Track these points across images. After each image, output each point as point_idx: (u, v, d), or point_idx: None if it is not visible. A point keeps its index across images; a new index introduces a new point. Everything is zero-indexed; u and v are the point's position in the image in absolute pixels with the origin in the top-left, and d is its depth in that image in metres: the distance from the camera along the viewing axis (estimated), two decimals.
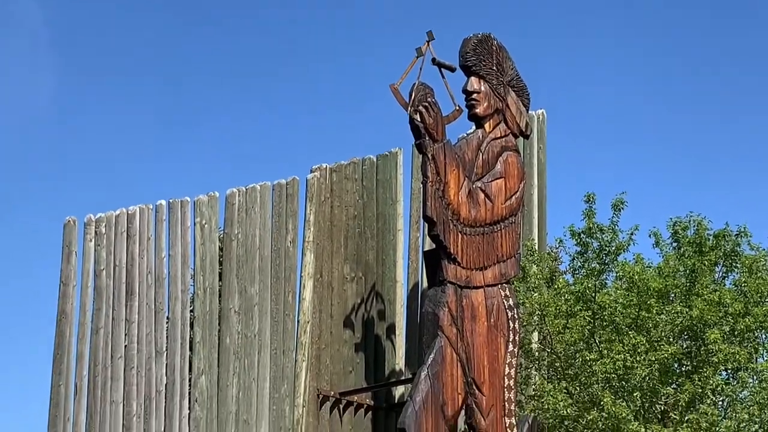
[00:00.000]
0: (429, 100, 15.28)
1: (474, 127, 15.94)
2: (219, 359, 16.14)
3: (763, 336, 18.02)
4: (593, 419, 16.74)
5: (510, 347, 15.29)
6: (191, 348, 16.09)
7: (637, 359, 16.82)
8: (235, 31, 51.27)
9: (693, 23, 49.00)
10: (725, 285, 18.39)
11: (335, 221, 17.50)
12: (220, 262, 16.62)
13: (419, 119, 15.16)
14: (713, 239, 18.52)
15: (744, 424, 16.77)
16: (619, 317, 17.36)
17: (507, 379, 15.23)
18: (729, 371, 17.78)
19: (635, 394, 17.08)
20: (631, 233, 19.42)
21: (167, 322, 16.12)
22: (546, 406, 17.46)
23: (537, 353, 18.92)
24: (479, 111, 15.87)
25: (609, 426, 16.63)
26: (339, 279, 17.37)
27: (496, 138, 15.94)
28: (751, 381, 17.59)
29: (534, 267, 19.05)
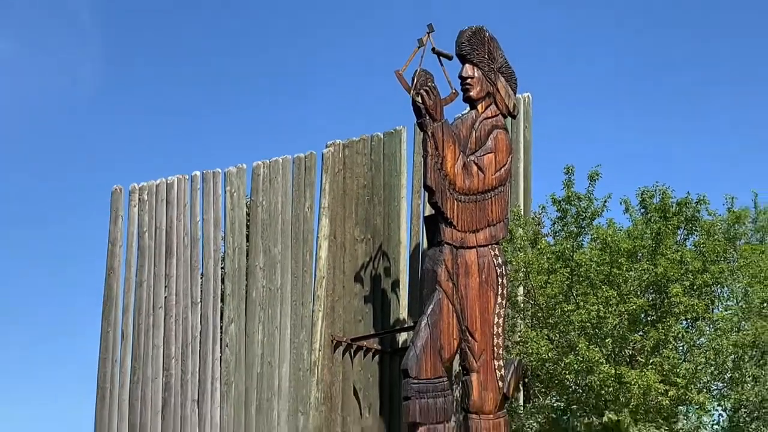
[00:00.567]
0: (429, 84, 15.38)
1: (468, 109, 16.01)
2: (246, 310, 16.19)
3: (719, 290, 18.07)
4: (570, 362, 16.85)
5: (499, 299, 15.36)
6: (222, 300, 16.12)
7: (609, 310, 16.89)
8: (264, 17, 51.58)
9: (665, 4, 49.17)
10: (686, 246, 18.33)
11: (347, 190, 17.57)
12: (247, 225, 16.61)
13: (421, 101, 15.27)
14: (676, 206, 18.49)
15: (701, 366, 16.85)
16: (594, 274, 17.39)
17: (496, 327, 15.31)
18: (689, 321, 17.81)
19: (607, 340, 17.18)
20: (605, 201, 19.53)
21: (201, 277, 16.09)
22: (529, 350, 17.62)
23: (522, 305, 18.98)
24: (473, 94, 15.94)
25: (583, 368, 16.74)
26: (350, 240, 17.45)
27: (487, 118, 15.98)
28: (708, 329, 17.66)
29: (520, 230, 19.15)
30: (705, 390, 17.09)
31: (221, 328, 16.02)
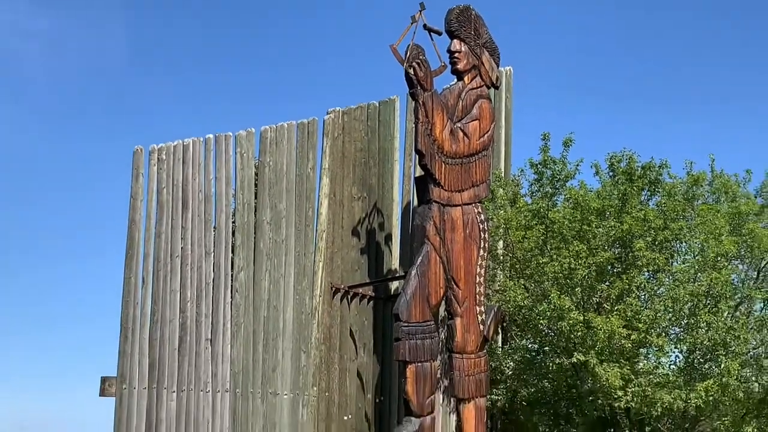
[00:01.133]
0: (420, 57, 15.28)
1: (456, 80, 15.91)
2: (254, 259, 16.19)
3: (678, 245, 18.10)
4: (543, 309, 16.92)
5: (481, 252, 15.41)
6: (233, 250, 16.08)
7: (579, 263, 16.97)
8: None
9: None
10: (649, 206, 18.31)
11: (346, 153, 17.50)
12: (255, 183, 16.55)
13: (413, 73, 15.18)
14: (641, 170, 18.48)
15: (660, 313, 16.92)
16: (566, 230, 17.43)
17: (478, 277, 15.37)
18: (650, 272, 17.85)
19: (576, 289, 17.25)
20: (577, 165, 19.51)
21: (214, 230, 16.05)
22: (507, 298, 17.71)
23: (501, 257, 19.05)
24: (460, 67, 15.88)
25: (555, 314, 16.80)
26: (348, 198, 17.42)
27: (473, 88, 15.92)
28: (667, 281, 17.71)
29: (500, 190, 19.16)
30: (663, 334, 17.17)
31: (232, 275, 16.02)
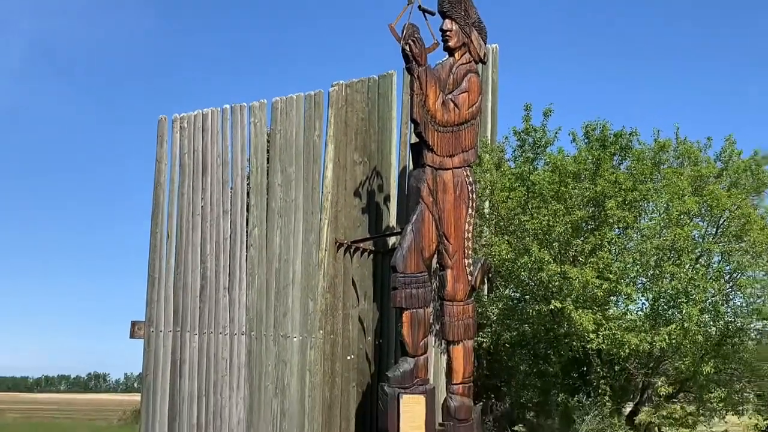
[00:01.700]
0: (416, 35, 15.20)
1: (447, 56, 15.83)
2: (267, 217, 16.22)
3: (645, 205, 18.12)
4: (525, 261, 17.03)
5: (469, 211, 15.42)
6: (248, 209, 16.09)
7: (557, 220, 17.02)
8: None
9: None
10: (620, 169, 18.31)
11: (348, 122, 17.47)
12: (267, 149, 16.53)
13: (409, 49, 15.12)
14: (613, 137, 18.49)
15: (629, 265, 17.00)
16: (545, 191, 17.43)
17: (466, 233, 15.41)
18: (620, 229, 17.88)
19: (554, 244, 17.33)
20: (556, 132, 19.56)
21: (231, 191, 16.05)
22: (493, 252, 17.79)
23: (487, 215, 19.07)
24: (451, 44, 15.79)
25: (535, 266, 16.90)
26: (350, 162, 17.42)
27: (462, 64, 15.87)
28: (636, 236, 17.79)
29: (487, 156, 19.17)
30: (632, 284, 17.26)
31: (247, 231, 16.05)
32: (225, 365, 15.36)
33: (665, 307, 17.14)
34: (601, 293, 16.71)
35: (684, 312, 16.20)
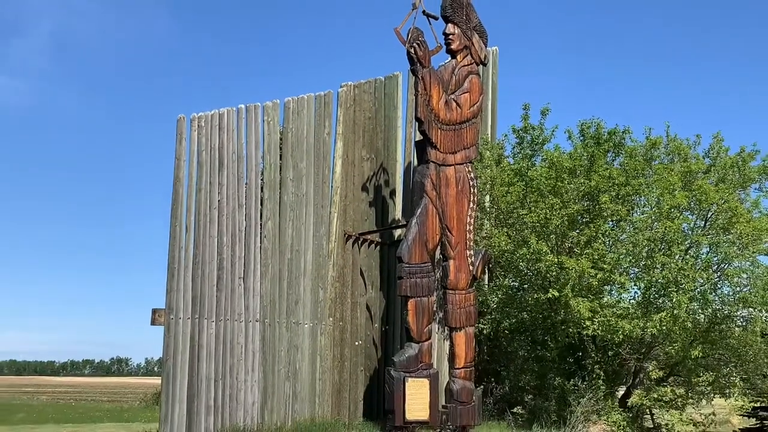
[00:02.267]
0: (420, 39, 15.23)
1: (450, 58, 15.88)
2: (280, 210, 16.17)
3: (637, 199, 18.15)
4: (523, 252, 17.07)
5: (471, 205, 15.49)
6: (262, 203, 16.03)
7: (553, 213, 17.05)
8: None
9: None
10: (614, 165, 18.30)
11: (357, 120, 17.45)
12: (280, 146, 16.47)
13: (413, 52, 15.14)
14: (607, 135, 18.52)
15: (622, 256, 17.05)
16: (543, 186, 17.43)
17: (468, 226, 15.49)
18: (614, 222, 17.95)
19: (551, 236, 17.37)
20: (553, 130, 19.56)
21: (245, 185, 16.08)
22: (493, 243, 17.83)
23: (488, 209, 19.12)
24: (453, 47, 15.84)
25: (533, 257, 16.94)
26: (359, 159, 17.41)
27: (464, 65, 15.90)
28: (628, 228, 17.83)
29: (487, 152, 19.18)
30: (625, 273, 17.28)
31: (261, 224, 15.99)
32: (240, 350, 15.35)
33: (656, 296, 17.15)
34: (596, 282, 16.71)
35: (674, 300, 16.20)
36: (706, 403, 20.05)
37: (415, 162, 16.96)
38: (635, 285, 17.48)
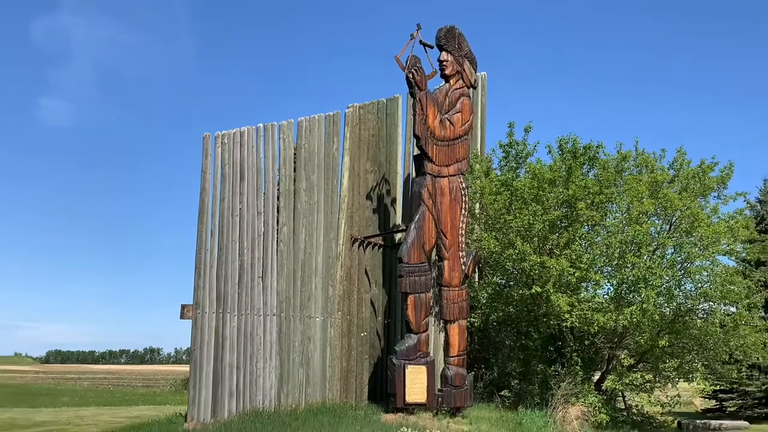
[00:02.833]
0: (417, 65, 15.29)
1: (444, 82, 15.93)
2: (294, 217, 16.17)
3: (610, 206, 18.11)
4: (510, 253, 17.03)
5: (463, 212, 15.51)
6: (278, 211, 16.04)
7: (536, 219, 17.02)
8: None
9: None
10: (589, 176, 18.27)
11: (362, 137, 17.46)
12: (294, 160, 16.46)
13: (412, 77, 15.19)
14: (583, 149, 18.46)
15: (597, 256, 17.01)
16: (526, 195, 17.39)
17: (460, 230, 15.50)
18: (589, 226, 17.88)
19: (534, 239, 17.34)
20: (535, 146, 19.50)
21: (264, 195, 16.10)
22: (482, 245, 17.78)
23: (478, 215, 19.07)
24: (447, 72, 15.88)
25: (518, 257, 16.90)
26: (363, 171, 17.40)
27: (456, 89, 15.93)
28: (602, 232, 17.77)
29: (477, 165, 19.18)
30: (599, 272, 17.24)
31: (277, 229, 16.00)
32: (259, 341, 15.35)
33: (627, 291, 17.13)
34: (574, 280, 16.69)
35: (643, 295, 16.18)
36: (671, 387, 20.02)
37: (414, 174, 16.98)
38: (608, 282, 17.46)
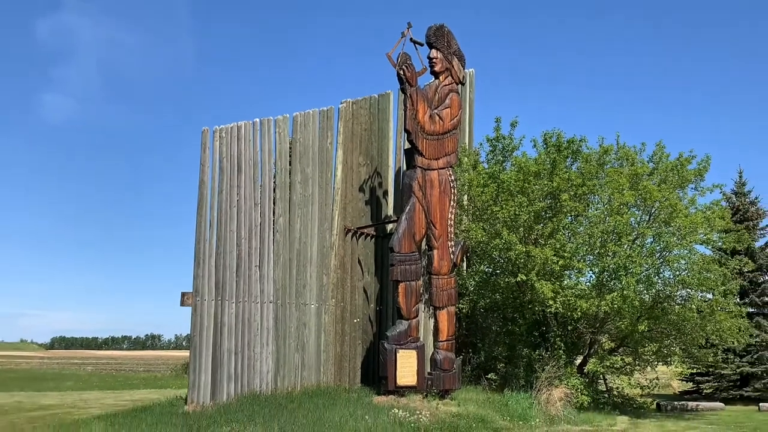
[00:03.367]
0: (408, 62, 15.29)
1: (433, 79, 15.94)
2: (290, 208, 16.18)
3: (592, 197, 18.13)
4: (496, 243, 17.04)
5: (451, 203, 15.53)
6: (274, 202, 16.03)
7: (522, 210, 17.04)
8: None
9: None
10: (572, 169, 18.27)
11: (354, 131, 17.49)
12: (289, 154, 16.48)
13: (403, 74, 15.18)
14: (566, 143, 18.45)
15: (580, 245, 17.05)
16: (512, 187, 17.38)
17: (449, 221, 15.52)
18: (572, 217, 17.92)
19: (520, 229, 17.35)
20: (521, 140, 19.47)
21: (260, 187, 16.11)
22: (470, 235, 17.80)
23: (466, 206, 19.08)
24: (436, 69, 15.88)
25: (505, 247, 16.91)
26: (356, 164, 17.44)
27: (446, 85, 15.94)
28: (585, 222, 17.79)
29: (465, 158, 19.17)
30: (582, 260, 17.27)
31: (273, 220, 15.99)
32: (257, 327, 15.36)
33: (608, 279, 17.18)
34: (558, 268, 16.72)
35: (623, 282, 16.24)
36: (650, 370, 20.14)
37: (404, 167, 16.99)
38: (591, 270, 17.51)
